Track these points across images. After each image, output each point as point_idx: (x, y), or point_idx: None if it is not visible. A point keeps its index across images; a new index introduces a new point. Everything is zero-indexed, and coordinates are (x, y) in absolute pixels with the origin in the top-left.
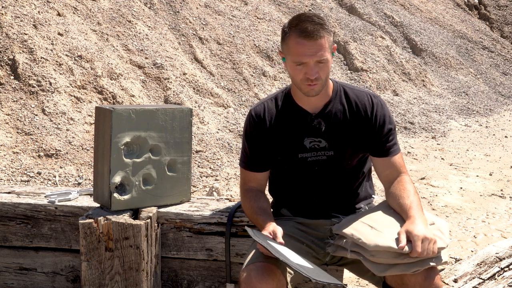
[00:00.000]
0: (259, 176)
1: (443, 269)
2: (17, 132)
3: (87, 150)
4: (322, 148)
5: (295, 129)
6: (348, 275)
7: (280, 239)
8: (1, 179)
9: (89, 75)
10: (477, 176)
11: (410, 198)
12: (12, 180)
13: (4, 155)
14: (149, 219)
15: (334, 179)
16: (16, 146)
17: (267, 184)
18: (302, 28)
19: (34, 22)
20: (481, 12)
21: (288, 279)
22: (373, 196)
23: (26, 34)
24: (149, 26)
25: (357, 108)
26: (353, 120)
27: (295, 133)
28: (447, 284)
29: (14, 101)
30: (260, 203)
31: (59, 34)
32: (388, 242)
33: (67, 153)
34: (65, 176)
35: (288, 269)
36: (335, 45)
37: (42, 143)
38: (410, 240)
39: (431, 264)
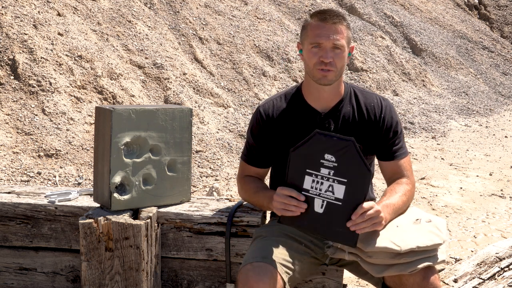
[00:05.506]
0: (259, 170)
1: (443, 269)
2: (17, 132)
3: (87, 150)
4: None
5: (304, 128)
6: (348, 275)
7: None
8: (1, 179)
9: (89, 75)
10: (477, 176)
11: (390, 197)
12: (12, 180)
13: (4, 155)
14: (149, 219)
15: None
16: (16, 146)
17: (269, 183)
18: (323, 14)
19: (34, 22)
20: (481, 12)
21: (286, 279)
22: (374, 199)
23: (26, 34)
24: (149, 26)
25: (366, 110)
26: (361, 122)
27: (303, 132)
28: (447, 284)
29: (14, 101)
30: (259, 183)
31: (59, 34)
32: (384, 243)
33: (67, 153)
34: (65, 176)
35: (286, 269)
36: (353, 45)
37: (42, 143)
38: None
39: (428, 263)
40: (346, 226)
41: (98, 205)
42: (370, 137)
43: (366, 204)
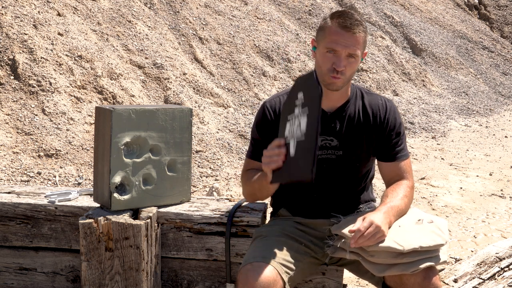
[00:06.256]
0: None
1: (443, 269)
2: (17, 132)
3: (87, 150)
4: (333, 147)
5: None
6: (348, 275)
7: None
8: (1, 179)
9: (89, 75)
10: (477, 176)
11: (392, 199)
12: (12, 180)
13: (4, 155)
14: (149, 219)
15: (339, 179)
16: (16, 146)
17: None
18: (343, 20)
19: (34, 22)
20: (481, 12)
21: (286, 279)
22: (374, 200)
23: (26, 34)
24: (149, 26)
25: (371, 111)
26: (366, 122)
27: None
28: (447, 284)
29: (14, 101)
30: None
31: (59, 34)
32: (387, 242)
33: (67, 153)
34: (65, 176)
35: (286, 269)
36: (367, 51)
37: (42, 143)
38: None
39: (430, 263)
40: (306, 157)
41: (98, 205)
42: (374, 137)
43: (365, 224)
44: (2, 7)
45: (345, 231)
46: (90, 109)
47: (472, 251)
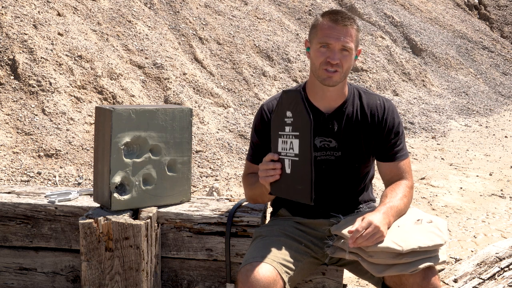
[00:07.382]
0: None
1: (442, 269)
2: (17, 132)
3: (87, 150)
4: (332, 148)
5: None
6: (348, 275)
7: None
8: (1, 179)
9: (89, 75)
10: (477, 176)
11: (392, 199)
12: (12, 180)
13: (4, 155)
14: (149, 219)
15: (339, 180)
16: (16, 146)
17: None
18: (334, 15)
19: (34, 22)
20: (481, 12)
21: (286, 279)
22: (374, 200)
23: (26, 34)
24: (149, 26)
25: (369, 111)
26: (364, 123)
27: None
28: (447, 284)
29: (14, 101)
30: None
31: (59, 34)
32: (386, 243)
33: (67, 153)
34: (65, 176)
35: (286, 269)
36: (361, 49)
37: (42, 143)
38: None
39: (429, 264)
40: (303, 183)
41: (98, 205)
42: (373, 138)
43: (364, 224)
44: (2, 7)
45: (344, 231)
46: (90, 109)
47: (472, 251)
